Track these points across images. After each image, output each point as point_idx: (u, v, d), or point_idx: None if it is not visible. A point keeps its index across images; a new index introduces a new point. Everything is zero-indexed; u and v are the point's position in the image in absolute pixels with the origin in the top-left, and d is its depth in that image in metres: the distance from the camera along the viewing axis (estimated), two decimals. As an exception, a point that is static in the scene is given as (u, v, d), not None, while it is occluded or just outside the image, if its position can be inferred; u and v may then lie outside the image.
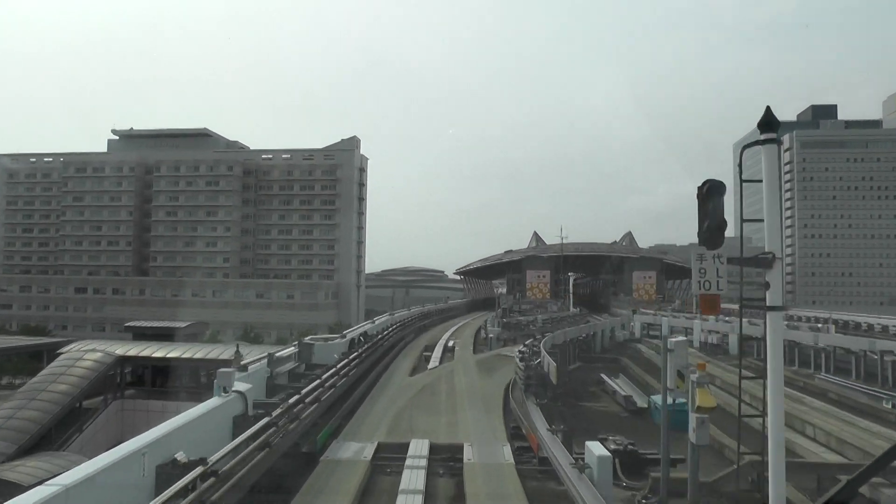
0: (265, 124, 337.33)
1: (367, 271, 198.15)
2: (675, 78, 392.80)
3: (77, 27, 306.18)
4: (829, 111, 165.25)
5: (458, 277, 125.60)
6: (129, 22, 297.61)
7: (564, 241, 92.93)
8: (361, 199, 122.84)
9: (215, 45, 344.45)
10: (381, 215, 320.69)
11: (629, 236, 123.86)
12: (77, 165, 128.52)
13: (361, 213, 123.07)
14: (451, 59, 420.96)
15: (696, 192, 6.48)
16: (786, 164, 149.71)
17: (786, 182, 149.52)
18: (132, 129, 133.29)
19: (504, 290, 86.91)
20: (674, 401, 10.61)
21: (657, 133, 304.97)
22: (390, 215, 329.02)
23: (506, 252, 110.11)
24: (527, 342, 26.18)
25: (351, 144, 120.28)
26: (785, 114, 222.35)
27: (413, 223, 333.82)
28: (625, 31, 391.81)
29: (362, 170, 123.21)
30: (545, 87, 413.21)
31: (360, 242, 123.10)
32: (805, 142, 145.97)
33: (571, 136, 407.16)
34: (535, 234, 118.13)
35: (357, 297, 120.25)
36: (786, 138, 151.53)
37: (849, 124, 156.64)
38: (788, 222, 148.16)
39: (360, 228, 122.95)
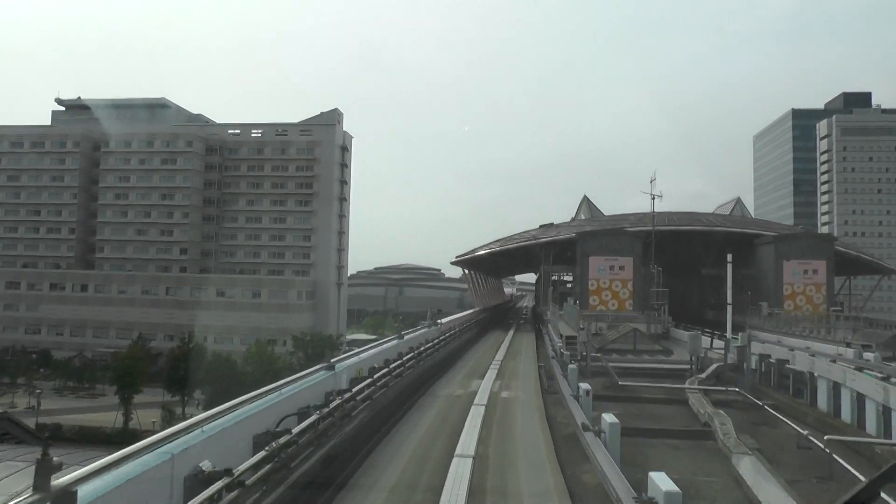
0: (244, 112, 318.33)
1: (359, 269, 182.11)
2: (687, 75, 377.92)
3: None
4: (862, 99, 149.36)
5: (457, 275, 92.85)
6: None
7: (628, 213, 58.74)
8: (344, 183, 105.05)
9: (183, 9, 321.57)
10: (377, 209, 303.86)
11: (738, 204, 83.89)
12: (13, 140, 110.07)
13: (344, 200, 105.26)
14: (453, 53, 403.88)
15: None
16: (823, 152, 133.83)
17: (822, 174, 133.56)
18: (80, 98, 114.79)
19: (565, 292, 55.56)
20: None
21: (671, 130, 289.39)
22: (387, 210, 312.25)
23: (542, 227, 66.47)
24: None
25: (332, 118, 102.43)
26: (807, 104, 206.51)
27: (411, 219, 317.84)
28: (637, 28, 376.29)
29: (345, 149, 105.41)
30: (554, 86, 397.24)
31: (342, 233, 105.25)
32: (846, 128, 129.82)
33: (581, 134, 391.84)
34: (586, 199, 77.39)
35: (337, 297, 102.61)
36: (822, 125, 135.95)
37: (886, 112, 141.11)
38: (825, 218, 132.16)
39: (343, 217, 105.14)
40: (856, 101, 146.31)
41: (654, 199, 42.83)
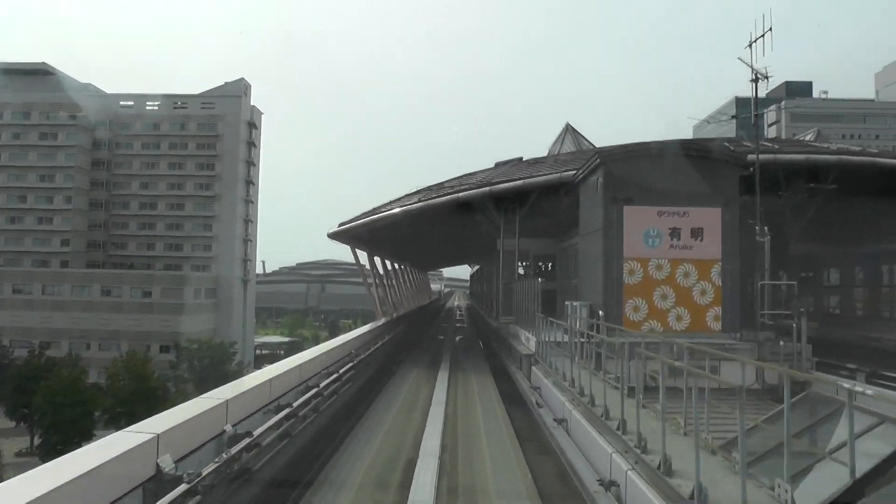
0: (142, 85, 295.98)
1: (282, 264, 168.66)
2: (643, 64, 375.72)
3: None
4: (804, 88, 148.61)
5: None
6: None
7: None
8: (252, 164, 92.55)
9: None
10: (304, 201, 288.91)
11: (819, 138, 52.97)
12: None
13: (252, 183, 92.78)
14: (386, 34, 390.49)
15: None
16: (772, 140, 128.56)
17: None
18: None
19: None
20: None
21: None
22: (315, 203, 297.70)
23: (500, 165, 34.42)
24: None
25: (237, 89, 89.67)
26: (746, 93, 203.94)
27: (336, 210, 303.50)
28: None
29: (253, 125, 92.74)
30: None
31: (250, 221, 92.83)
32: (796, 114, 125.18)
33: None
34: (570, 128, 44.48)
35: (244, 296, 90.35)
36: (772, 112, 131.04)
37: (830, 100, 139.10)
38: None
39: (250, 202, 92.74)
40: (798, 91, 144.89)
41: (756, 80, 17.54)
